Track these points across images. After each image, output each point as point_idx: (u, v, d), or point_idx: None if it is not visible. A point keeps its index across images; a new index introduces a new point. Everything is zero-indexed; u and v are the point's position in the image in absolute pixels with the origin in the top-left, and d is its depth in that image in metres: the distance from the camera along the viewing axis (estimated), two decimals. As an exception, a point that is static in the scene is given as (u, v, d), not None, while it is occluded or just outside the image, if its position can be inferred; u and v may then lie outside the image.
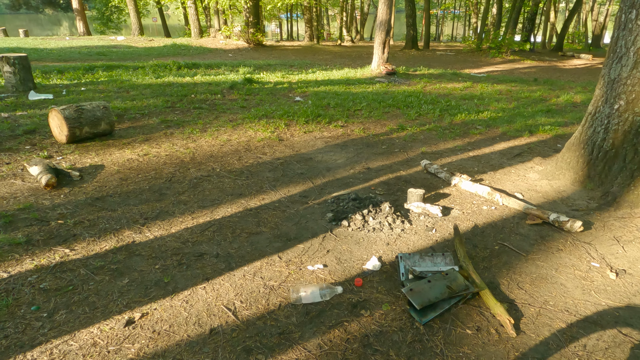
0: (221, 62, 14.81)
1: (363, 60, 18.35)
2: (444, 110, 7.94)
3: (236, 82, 9.83)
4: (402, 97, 9.03)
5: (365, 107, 8.05)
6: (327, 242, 3.40)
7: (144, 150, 5.44)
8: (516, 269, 3.04)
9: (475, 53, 20.74)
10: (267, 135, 6.20)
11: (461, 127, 6.85)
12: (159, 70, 12.55)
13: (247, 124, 6.71)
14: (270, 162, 5.20)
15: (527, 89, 11.10)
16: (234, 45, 22.30)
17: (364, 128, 6.71)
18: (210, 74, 11.66)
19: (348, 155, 5.46)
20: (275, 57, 18.55)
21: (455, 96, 9.63)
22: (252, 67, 13.99)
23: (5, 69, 8.12)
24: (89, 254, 3.21)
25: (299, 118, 7.04)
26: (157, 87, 9.13)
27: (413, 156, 5.44)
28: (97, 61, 14.69)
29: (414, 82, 11.65)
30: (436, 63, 17.66)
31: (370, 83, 11.07)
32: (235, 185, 4.51)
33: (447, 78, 12.52)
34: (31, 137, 5.74)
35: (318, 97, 8.89)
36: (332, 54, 20.70)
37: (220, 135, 6.12)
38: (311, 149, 5.72)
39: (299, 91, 9.56)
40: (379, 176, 4.77)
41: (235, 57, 18.57)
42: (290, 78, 11.41)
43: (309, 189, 4.44)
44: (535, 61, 18.87)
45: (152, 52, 18.47)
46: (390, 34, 12.63)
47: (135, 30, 27.26)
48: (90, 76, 10.81)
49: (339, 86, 10.31)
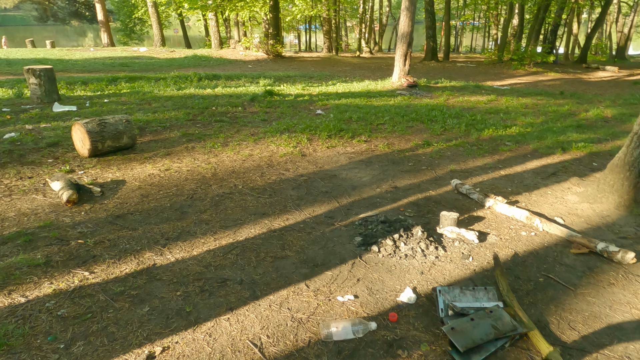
0: (241, 74, 14.83)
1: (382, 72, 18.20)
2: (470, 125, 7.68)
3: (257, 95, 9.76)
4: (425, 110, 8.81)
5: (388, 121, 7.85)
6: (357, 270, 3.19)
7: (166, 165, 5.33)
8: (565, 306, 2.78)
9: (496, 65, 20.38)
10: (289, 150, 6.04)
11: (489, 143, 6.58)
12: (180, 81, 12.59)
13: (269, 138, 6.58)
14: (293, 179, 5.03)
15: (554, 102, 10.75)
16: (253, 57, 22.42)
17: (388, 143, 6.51)
18: (231, 86, 11.64)
19: (373, 172, 5.26)
20: (295, 69, 18.53)
21: (479, 110, 9.36)
22: (272, 78, 13.95)
23: (31, 81, 8.19)
24: (109, 277, 3.07)
25: (322, 132, 6.87)
26: (178, 99, 9.11)
27: (441, 174, 5.20)
28: (120, 72, 14.87)
29: (436, 94, 11.41)
30: (457, 75, 17.38)
31: (392, 96, 10.87)
32: (258, 203, 4.35)
33: (470, 91, 12.24)
34: (54, 150, 5.70)
35: (339, 110, 8.73)
36: (351, 66, 20.61)
37: (242, 150, 5.99)
38: (335, 165, 5.54)
39: (320, 104, 9.42)
40: (407, 196, 4.55)
41: (255, 68, 18.62)
42: (311, 90, 11.30)
43: (335, 209, 4.25)
44: (559, 73, 18.42)
45: (174, 63, 18.66)
46: (411, 46, 12.45)
47: (157, 42, 27.71)
48: (113, 87, 10.89)
49: (360, 99, 10.14)
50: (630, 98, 11.62)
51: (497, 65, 20.36)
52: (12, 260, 3.22)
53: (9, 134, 6.09)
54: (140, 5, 32.34)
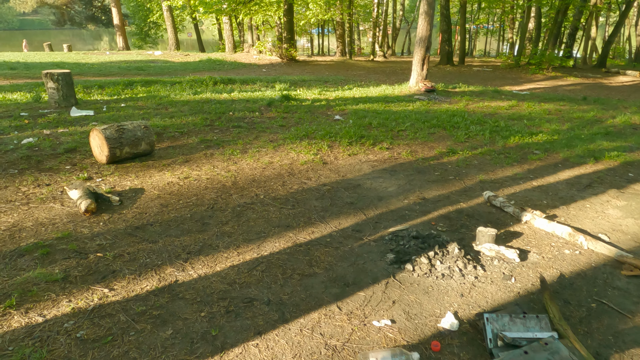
0: (256, 78, 14.72)
1: (398, 76, 17.96)
2: (494, 132, 7.42)
3: (273, 99, 9.60)
4: (446, 116, 8.56)
5: (409, 127, 7.63)
6: (391, 291, 2.98)
7: (185, 172, 5.18)
8: (625, 337, 2.54)
9: (513, 69, 20.00)
10: (310, 157, 5.85)
11: (516, 152, 6.32)
12: (196, 85, 12.51)
13: (289, 144, 6.40)
14: (316, 188, 4.83)
15: (578, 108, 10.41)
16: (267, 60, 22.35)
17: (411, 151, 6.28)
18: (247, 90, 11.52)
19: (399, 182, 5.04)
20: (309, 73, 18.39)
21: (501, 116, 9.08)
22: (287, 83, 13.80)
23: (49, 85, 8.13)
24: (129, 295, 2.90)
25: (342, 139, 6.68)
26: (195, 103, 8.99)
27: (471, 185, 4.97)
28: (135, 76, 14.86)
29: (455, 100, 11.15)
30: (474, 79, 17.07)
31: (410, 101, 10.64)
32: (282, 215, 4.16)
33: (489, 96, 11.95)
34: (71, 156, 5.59)
35: (358, 115, 8.52)
36: (366, 70, 20.41)
37: (261, 157, 5.82)
38: (358, 174, 5.33)
39: (338, 109, 9.23)
40: (437, 208, 4.32)
41: (269, 72, 18.52)
42: (327, 95, 11.12)
43: (362, 221, 4.04)
44: (579, 78, 18.00)
45: (188, 67, 18.66)
46: (429, 51, 12.21)
47: (172, 45, 27.83)
48: (130, 91, 10.83)
49: (378, 104, 9.93)
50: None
51: (514, 69, 19.98)
52: (29, 275, 3.07)
53: (27, 139, 6.00)
54: (155, 10, 32.59)
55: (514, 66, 20.32)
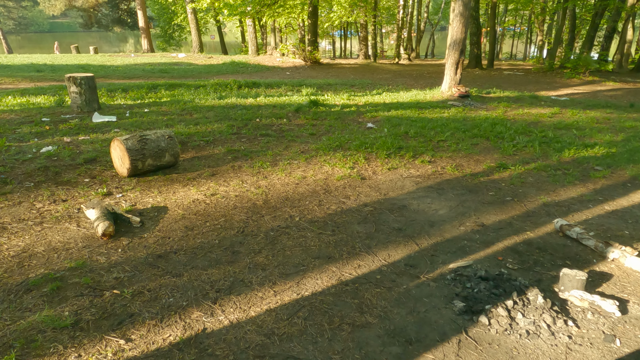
0: (280, 81, 14.27)
1: (425, 80, 17.28)
2: (544, 143, 6.73)
3: (301, 105, 9.09)
4: (487, 125, 7.89)
5: (449, 137, 7.00)
6: (466, 353, 2.40)
7: (211, 188, 4.69)
8: None
9: (547, 73, 19.05)
10: (346, 172, 5.30)
11: (575, 167, 5.63)
12: (220, 89, 12.12)
13: (321, 156, 5.86)
14: (356, 209, 4.28)
15: (627, 116, 9.58)
16: (290, 63, 21.92)
17: (457, 165, 5.67)
18: (272, 95, 11.05)
19: (449, 203, 4.44)
20: (334, 76, 17.86)
21: (546, 125, 8.35)
22: (313, 87, 13.30)
23: (72, 89, 7.81)
24: (149, 348, 2.41)
25: (379, 150, 6.11)
26: (220, 109, 8.55)
27: (533, 208, 4.33)
28: (159, 79, 14.60)
29: (492, 106, 10.44)
30: (506, 84, 16.24)
31: (444, 107, 9.98)
32: (321, 242, 3.62)
33: (527, 102, 11.19)
34: (91, 167, 5.18)
35: (392, 123, 7.94)
36: (391, 73, 19.76)
37: (293, 171, 5.30)
38: (401, 192, 4.76)
39: (369, 116, 8.66)
40: (500, 238, 3.71)
41: (293, 75, 18.07)
42: (356, 100, 10.55)
43: (415, 253, 3.47)
44: (618, 83, 16.96)
45: (212, 70, 18.37)
46: (464, 54, 11.52)
47: (195, 48, 27.71)
48: (154, 95, 10.50)
49: (411, 110, 9.31)
50: None
51: (547, 73, 19.02)
52: (35, 319, 2.61)
53: (47, 148, 5.63)
54: (180, 12, 32.59)
55: (547, 70, 19.36)
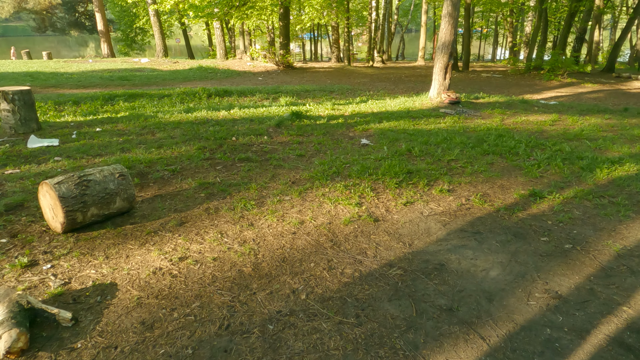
0: (254, 88, 12.97)
1: (405, 84, 16.38)
2: (565, 160, 5.81)
3: (283, 118, 7.87)
4: (493, 138, 6.93)
5: (459, 155, 5.97)
6: None
7: (179, 248, 3.42)
8: None
9: (524, 75, 18.58)
10: (353, 211, 4.14)
11: (618, 192, 4.69)
12: (188, 99, 10.72)
13: (318, 188, 4.67)
14: (380, 273, 3.13)
15: (628, 122, 8.90)
16: (262, 68, 20.59)
17: (482, 195, 4.61)
18: (247, 105, 9.76)
19: (497, 257, 3.36)
20: (309, 81, 16.69)
21: (552, 135, 7.50)
22: (291, 94, 12.09)
23: (3, 107, 6.29)
24: None
25: (385, 177, 4.98)
26: (188, 126, 7.20)
27: (607, 262, 3.30)
28: (119, 87, 13.00)
29: (486, 113, 9.56)
30: (488, 87, 15.56)
31: (438, 116, 9.01)
32: (345, 341, 2.44)
33: (521, 108, 10.40)
34: (14, 218, 3.79)
35: (388, 138, 6.85)
36: (368, 77, 18.79)
37: (286, 213, 4.08)
38: (428, 239, 3.64)
39: (360, 129, 7.54)
40: (592, 320, 2.64)
41: (266, 81, 16.78)
42: (342, 110, 9.42)
43: (484, 356, 2.35)
44: (596, 84, 16.62)
45: (178, 76, 16.81)
46: (452, 57, 10.61)
47: (159, 52, 25.87)
48: (110, 108, 9.02)
49: (404, 121, 8.27)
50: None
51: (525, 75, 18.56)
52: None
53: (-45, 190, 4.18)
54: (142, 15, 30.55)
55: (525, 72, 18.90)
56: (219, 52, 24.04)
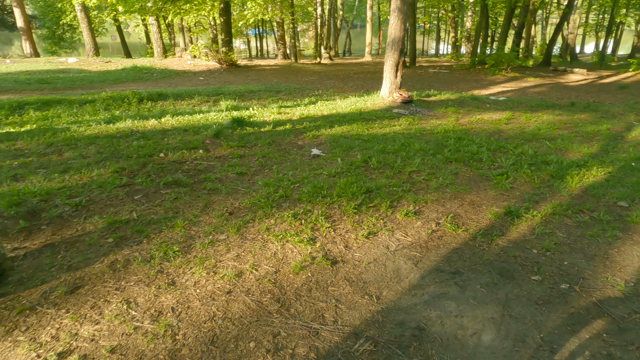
0: (193, 90, 11.75)
1: (354, 82, 15.76)
2: (532, 165, 5.33)
3: (222, 126, 6.86)
4: (452, 142, 6.37)
5: (420, 165, 5.31)
6: None
7: (63, 336, 2.41)
8: None
9: (470, 70, 18.60)
10: (305, 250, 3.31)
11: (596, 206, 4.20)
12: (114, 105, 9.38)
13: (262, 220, 3.79)
14: (343, 350, 2.32)
15: (578, 118, 8.76)
16: (203, 67, 19.19)
17: (453, 216, 3.95)
18: (183, 110, 8.61)
19: (487, 311, 2.66)
20: (255, 80, 15.63)
21: (510, 135, 7.09)
22: (233, 97, 11.02)
23: None
24: None
25: (341, 199, 4.19)
26: (107, 140, 6.02)
27: (616, 309, 2.68)
28: (35, 92, 11.29)
29: (440, 112, 9.08)
30: (437, 83, 15.30)
31: (392, 117, 8.38)
32: None
33: (473, 105, 10.04)
34: None
35: (341, 146, 6.09)
36: (316, 75, 18.00)
37: (220, 261, 3.16)
38: (400, 288, 2.89)
39: (310, 136, 6.72)
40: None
41: (208, 81, 15.51)
42: (289, 113, 8.54)
43: None
44: (537, 78, 16.90)
45: (108, 77, 15.12)
46: (403, 54, 10.03)
47: (89, 51, 23.54)
48: (17, 119, 7.57)
49: (357, 125, 7.55)
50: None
51: (471, 70, 18.58)
52: None
53: None
54: (69, 10, 27.79)
55: (470, 67, 18.94)
56: (156, 51, 22.24)
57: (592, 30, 38.03)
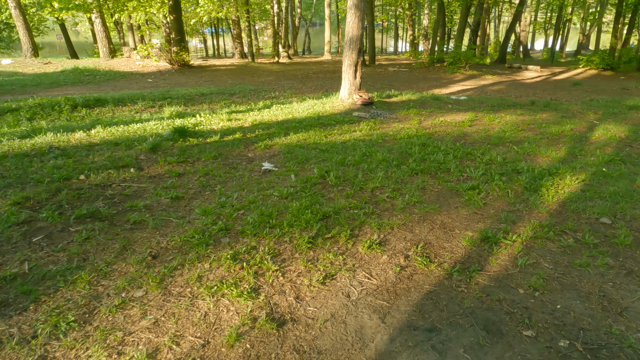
0: (137, 94, 10.68)
1: (313, 82, 15.09)
2: (502, 176, 4.85)
3: (161, 139, 5.99)
4: (417, 149, 5.84)
5: (384, 180, 4.72)
6: None
7: None
8: None
9: (429, 68, 18.38)
10: (244, 308, 2.59)
11: (579, 223, 3.74)
12: (41, 114, 8.24)
13: (192, 264, 3.03)
14: None
15: (540, 118, 8.51)
16: (154, 67, 17.91)
17: (424, 246, 3.35)
18: (121, 119, 7.62)
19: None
20: (208, 82, 14.64)
21: (475, 139, 6.67)
22: (180, 101, 10.07)
23: None
24: None
25: (293, 230, 3.50)
26: (16, 161, 5.02)
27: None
28: (-51, 101, 9.82)
29: (401, 114, 8.58)
30: (397, 83, 14.89)
31: (352, 122, 7.78)
32: None
33: (435, 106, 9.63)
34: None
35: (296, 158, 5.40)
36: (274, 75, 17.19)
37: (129, 335, 2.38)
38: (364, 354, 2.24)
39: (262, 146, 5.99)
40: None
41: (157, 83, 14.36)
42: (241, 120, 7.75)
43: None
44: (494, 76, 16.89)
45: (44, 81, 13.66)
46: (362, 54, 9.45)
47: (27, 51, 21.54)
48: None
49: (315, 131, 6.89)
50: (601, 105, 9.90)
51: (430, 68, 18.36)
52: None
53: None
54: (3, 7, 25.40)
55: (429, 64, 18.74)
56: (102, 51, 20.63)
57: (541, 28, 39.32)
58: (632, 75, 17.75)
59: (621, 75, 17.95)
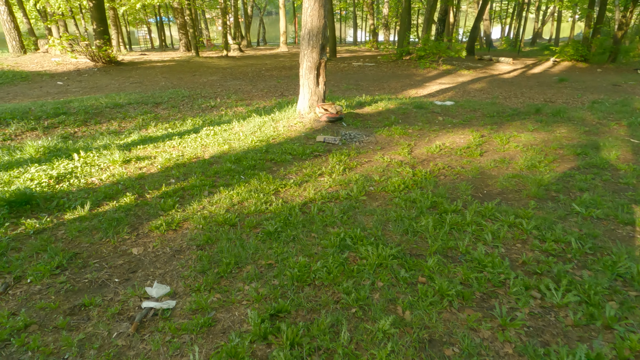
0: (23, 108, 7.50)
1: (267, 82, 12.23)
2: (579, 305, 2.45)
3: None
4: (429, 222, 3.34)
5: (391, 354, 2.16)
6: None
7: None
8: None
9: (397, 62, 15.94)
10: None
11: None
12: None
13: None
14: None
15: (560, 135, 6.27)
16: (72, 65, 14.34)
17: None
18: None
19: None
20: (136, 83, 11.44)
21: (496, 181, 4.29)
22: (79, 118, 7.03)
23: None
24: None
25: None
26: None
27: None
28: None
29: (382, 136, 6.09)
30: (366, 82, 12.34)
31: (315, 154, 5.17)
32: None
33: (421, 119, 7.18)
34: None
35: (218, 263, 2.74)
36: (220, 72, 14.13)
37: None
38: None
39: (162, 228, 3.26)
40: None
41: (68, 86, 11.01)
42: (145, 160, 4.91)
43: None
44: (471, 70, 14.72)
45: None
46: (325, 52, 6.77)
47: None
48: None
49: (259, 179, 4.23)
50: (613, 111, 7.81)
51: (398, 62, 15.94)
52: None
53: None
54: None
55: (397, 58, 16.31)
56: (11, 44, 16.62)
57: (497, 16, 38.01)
58: (608, 68, 16.21)
59: (597, 67, 16.37)
